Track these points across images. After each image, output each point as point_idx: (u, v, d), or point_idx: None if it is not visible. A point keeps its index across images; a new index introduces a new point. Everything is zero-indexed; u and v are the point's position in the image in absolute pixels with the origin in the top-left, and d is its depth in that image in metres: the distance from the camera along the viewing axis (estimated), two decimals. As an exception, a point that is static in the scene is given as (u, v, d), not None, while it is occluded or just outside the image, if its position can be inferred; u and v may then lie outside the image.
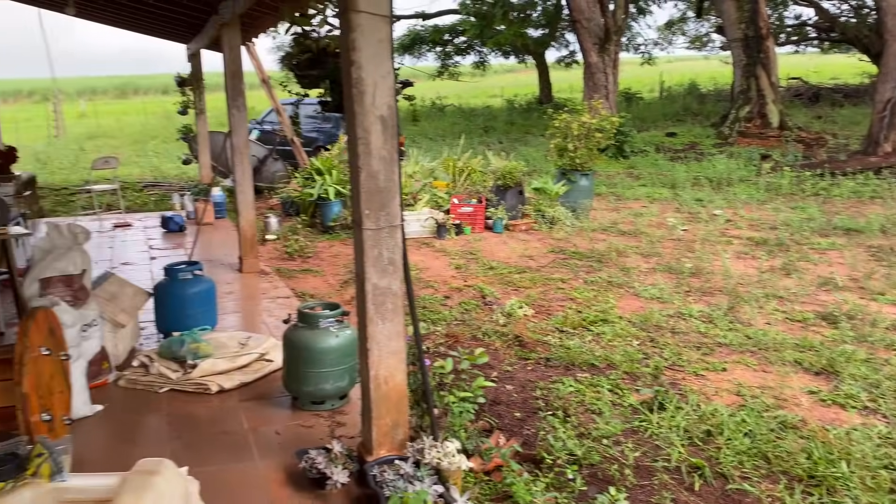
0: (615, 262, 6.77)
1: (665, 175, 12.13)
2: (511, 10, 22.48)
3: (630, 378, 4.13)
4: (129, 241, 8.03)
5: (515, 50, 27.43)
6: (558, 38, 27.08)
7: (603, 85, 16.42)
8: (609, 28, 16.37)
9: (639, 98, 26.85)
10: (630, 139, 14.79)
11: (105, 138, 23.53)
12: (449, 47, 27.49)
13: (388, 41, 2.69)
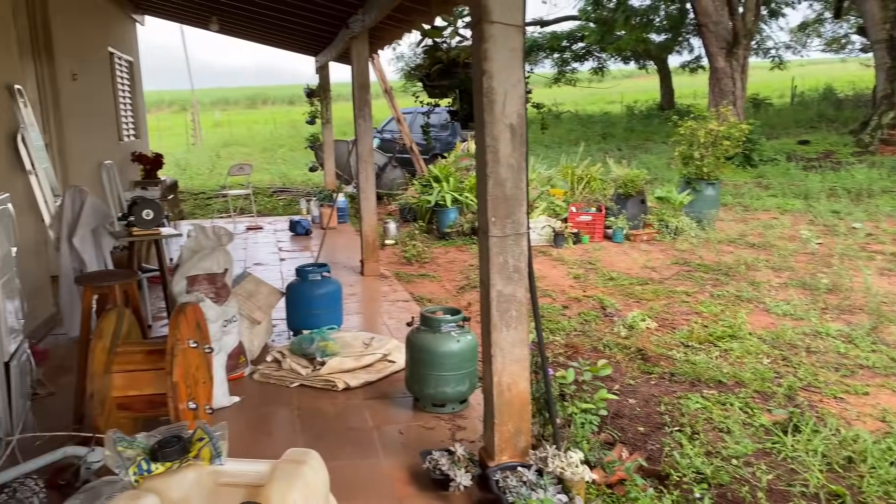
0: (744, 275, 6.47)
1: (797, 185, 11.48)
2: (633, 15, 21.98)
3: (761, 397, 3.94)
4: (261, 243, 8.49)
5: (636, 55, 26.80)
6: (682, 42, 26.21)
7: (730, 91, 15.75)
8: (738, 31, 15.69)
9: (768, 104, 25.54)
10: (759, 147, 14.10)
11: (237, 146, 24.98)
12: (567, 53, 27.24)
13: (520, 50, 2.71)
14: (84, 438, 3.07)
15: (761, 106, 24.83)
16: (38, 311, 4.93)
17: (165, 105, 46.09)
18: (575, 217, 8.16)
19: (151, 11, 10.32)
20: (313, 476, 1.51)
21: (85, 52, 7.19)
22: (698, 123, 8.83)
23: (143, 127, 10.57)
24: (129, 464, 1.47)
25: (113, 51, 8.57)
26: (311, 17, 7.25)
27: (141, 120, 10.40)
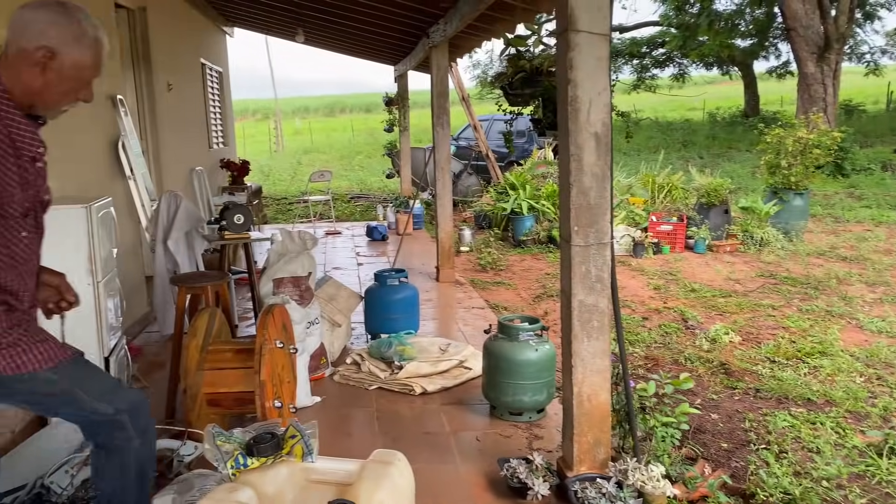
0: (835, 289, 6.20)
1: (893, 196, 10.91)
2: (717, 20, 21.38)
3: (853, 417, 3.76)
4: (339, 248, 8.68)
5: (720, 61, 26.04)
6: (769, 47, 25.31)
7: (820, 97, 15.11)
8: (829, 35, 15.05)
9: (862, 111, 24.35)
10: (851, 156, 13.48)
11: (317, 153, 25.63)
12: (646, 60, 26.74)
13: (606, 59, 2.70)
14: (176, 432, 3.22)
15: (854, 113, 23.69)
16: (134, 310, 5.19)
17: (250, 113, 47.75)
18: (655, 226, 8.00)
19: (241, 24, 10.73)
20: (399, 477, 1.55)
21: (179, 64, 7.54)
22: (786, 131, 8.51)
23: (230, 135, 10.99)
24: (227, 458, 1.55)
25: (205, 62, 8.96)
26: (392, 27, 7.39)
27: (229, 128, 10.82)
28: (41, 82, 1.69)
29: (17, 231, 1.71)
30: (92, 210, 3.43)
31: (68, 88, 1.72)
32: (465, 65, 53.31)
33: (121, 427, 1.87)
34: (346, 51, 10.87)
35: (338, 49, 10.89)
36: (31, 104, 1.74)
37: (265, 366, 2.99)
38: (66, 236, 3.39)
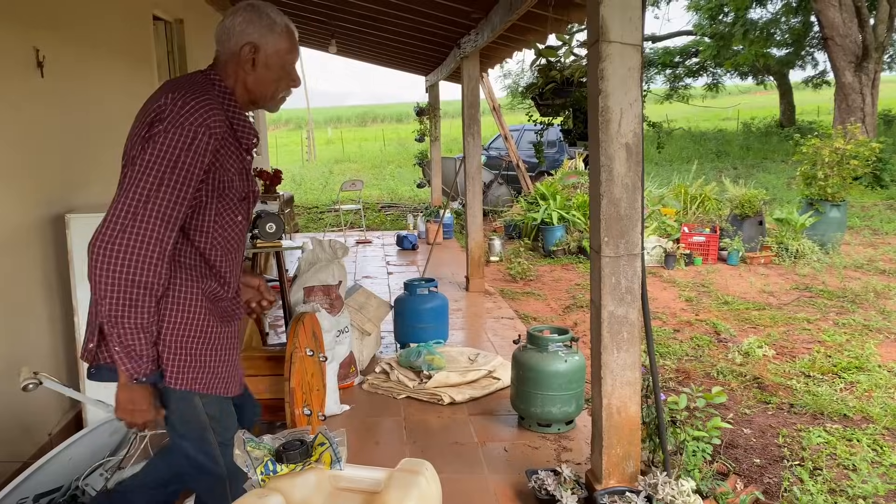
0: (872, 303, 6.06)
1: (935, 208, 10.66)
2: (752, 29, 21.13)
3: (892, 435, 3.67)
4: (370, 257, 8.73)
5: (754, 70, 25.71)
6: (805, 56, 24.92)
7: (858, 107, 14.84)
8: (868, 45, 14.79)
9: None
10: (890, 166, 13.20)
11: (348, 162, 25.83)
12: (679, 69, 26.50)
13: (638, 69, 2.69)
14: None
15: (894, 123, 23.21)
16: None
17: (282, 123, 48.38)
18: (688, 238, 7.91)
19: (274, 35, 10.88)
20: (427, 487, 1.55)
21: (215, 75, 7.67)
22: (823, 141, 8.37)
23: (263, 144, 11.14)
24: (257, 463, 1.56)
25: (239, 72, 9.10)
26: (423, 38, 7.45)
27: (262, 138, 10.97)
28: (254, 76, 1.87)
29: (235, 215, 1.86)
30: (129, 218, 3.50)
31: (278, 76, 1.89)
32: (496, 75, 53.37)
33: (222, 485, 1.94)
34: (377, 61, 10.97)
35: (370, 59, 10.99)
36: (252, 100, 1.92)
37: (295, 374, 3.02)
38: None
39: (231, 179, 1.82)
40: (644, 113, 3.03)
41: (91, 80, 4.20)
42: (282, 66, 1.89)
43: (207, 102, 1.73)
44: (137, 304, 1.66)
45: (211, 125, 1.72)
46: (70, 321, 3.58)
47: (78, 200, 3.84)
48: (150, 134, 1.69)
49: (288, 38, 1.89)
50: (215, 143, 1.73)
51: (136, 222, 1.66)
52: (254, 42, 1.84)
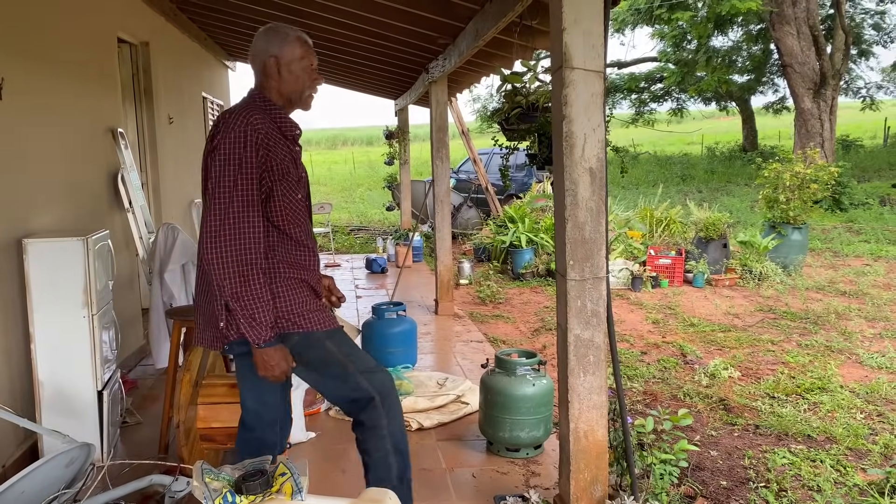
0: (834, 324, 6.17)
1: (892, 230, 10.94)
2: (715, 56, 21.66)
3: (854, 455, 3.72)
4: (338, 280, 8.67)
5: (717, 96, 26.31)
6: (766, 83, 25.59)
7: (817, 132, 15.25)
8: (825, 72, 15.24)
9: (859, 146, 24.58)
10: (849, 190, 13.55)
11: (318, 185, 25.73)
12: (645, 94, 27.01)
13: (601, 95, 2.72)
14: (169, 467, 3.18)
15: (851, 148, 23.90)
16: (130, 342, 5.16)
17: (251, 146, 48.09)
18: (654, 260, 8.00)
19: (242, 58, 10.86)
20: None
21: (181, 98, 7.62)
22: (784, 166, 8.57)
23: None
24: (215, 495, 1.52)
25: (206, 95, 9.05)
26: (392, 62, 7.48)
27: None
28: (282, 82, 2.28)
29: (295, 193, 2.28)
30: (89, 243, 3.43)
31: (300, 77, 2.30)
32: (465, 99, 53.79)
33: (374, 406, 2.34)
34: (346, 85, 10.99)
35: (338, 83, 11.00)
36: (287, 102, 2.32)
37: (259, 400, 2.95)
38: (62, 268, 3.39)
39: (286, 165, 2.22)
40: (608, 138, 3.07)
41: (52, 102, 4.13)
42: (301, 69, 2.29)
43: (247, 109, 2.19)
44: (250, 278, 2.07)
45: (253, 122, 2.13)
46: (26, 349, 3.48)
47: (36, 224, 3.75)
48: (213, 147, 2.14)
49: (300, 44, 2.30)
50: (262, 137, 2.14)
51: (229, 214, 2.06)
52: (274, 54, 2.26)
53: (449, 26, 5.10)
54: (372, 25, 5.73)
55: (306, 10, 5.73)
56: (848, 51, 16.45)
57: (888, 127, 27.10)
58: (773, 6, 15.42)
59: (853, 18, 22.33)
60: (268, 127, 2.19)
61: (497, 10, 3.92)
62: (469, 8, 4.48)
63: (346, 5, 5.21)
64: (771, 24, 15.86)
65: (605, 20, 2.70)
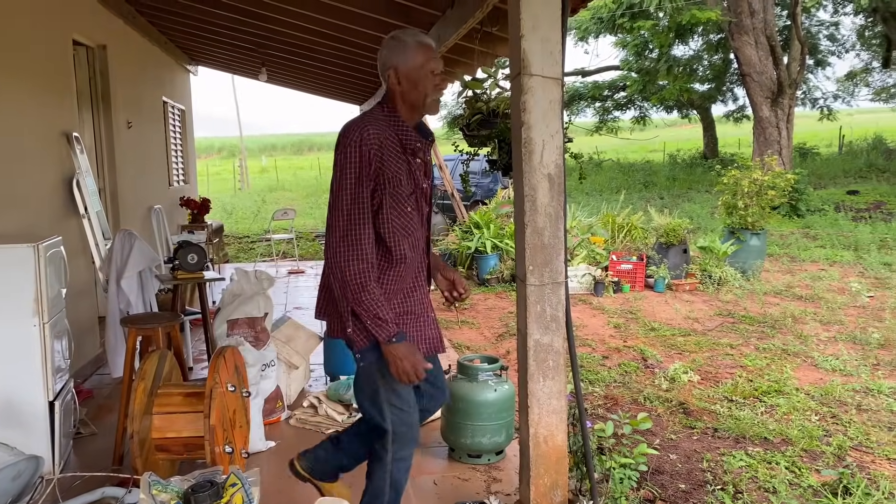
0: (790, 328, 6.30)
1: (846, 236, 11.22)
2: (676, 65, 22.04)
3: (809, 456, 3.79)
4: (302, 287, 8.59)
5: (679, 104, 26.78)
6: (726, 91, 26.13)
7: (775, 140, 15.60)
8: (782, 81, 15.61)
9: (815, 153, 25.21)
10: (805, 197, 13.87)
11: (283, 191, 25.55)
12: (608, 103, 27.36)
13: (559, 102, 2.74)
14: (122, 479, 3.10)
15: (808, 155, 24.50)
16: (86, 351, 5.05)
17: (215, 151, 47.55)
18: (616, 265, 8.08)
19: (205, 62, 10.74)
20: (343, 526, 1.50)
21: (140, 102, 7.49)
22: (742, 173, 8.74)
23: (192, 172, 10.90)
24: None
25: (166, 100, 8.92)
26: (356, 67, 7.46)
27: (190, 165, 10.73)
28: (405, 91, 2.32)
29: (405, 206, 2.32)
30: (39, 249, 3.34)
31: (422, 84, 2.31)
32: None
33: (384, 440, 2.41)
34: (310, 90, 10.93)
35: (302, 88, 10.94)
36: (413, 110, 2.36)
37: (215, 410, 2.91)
38: (12, 275, 3.29)
39: (399, 178, 2.28)
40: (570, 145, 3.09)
41: (2, 105, 4.03)
42: (422, 76, 2.30)
43: (362, 123, 2.26)
44: (365, 285, 2.20)
45: (366, 136, 2.22)
46: (-26, 359, 3.37)
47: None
48: (334, 161, 2.29)
49: (419, 51, 2.30)
50: (374, 150, 2.22)
51: (347, 229, 2.21)
52: (394, 65, 2.30)
53: (411, 32, 5.10)
54: (335, 30, 5.71)
55: (269, 15, 5.69)
56: (804, 61, 16.87)
57: (843, 135, 27.86)
58: (732, 16, 15.75)
59: (809, 30, 22.94)
60: (384, 138, 2.25)
61: (458, 17, 3.93)
62: (431, 14, 4.49)
63: (309, 10, 5.19)
64: (730, 34, 16.19)
65: (563, 28, 2.72)
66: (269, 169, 35.91)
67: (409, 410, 2.47)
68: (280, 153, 49.14)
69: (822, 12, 22.86)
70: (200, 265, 4.27)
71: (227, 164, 37.33)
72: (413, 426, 2.49)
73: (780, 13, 19.99)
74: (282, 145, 53.64)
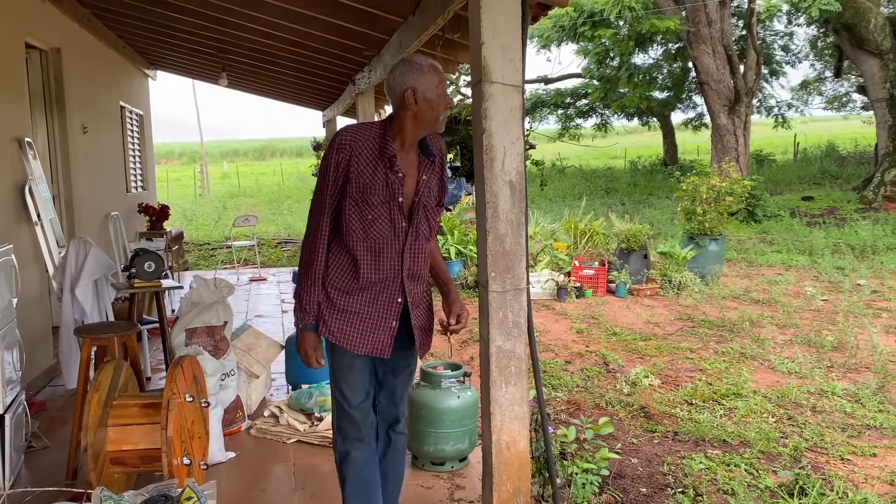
0: (748, 332, 6.42)
1: (801, 241, 11.49)
2: (636, 73, 22.39)
3: (766, 458, 3.86)
4: (264, 295, 8.49)
5: (639, 112, 27.19)
6: (685, 100, 26.61)
7: (733, 147, 15.93)
8: (739, 90, 15.96)
9: (771, 160, 25.82)
10: (762, 203, 14.18)
11: (244, 197, 25.23)
12: (570, 110, 27.64)
13: (520, 109, 2.75)
14: (76, 494, 3.02)
15: (765, 162, 25.07)
16: (39, 362, 4.91)
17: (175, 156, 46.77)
18: (578, 271, 8.15)
19: (164, 67, 10.57)
20: (302, 539, 1.48)
21: (96, 106, 7.34)
22: (700, 179, 8.90)
23: (150, 178, 10.70)
24: (114, 524, 1.45)
25: (124, 105, 8.75)
26: (318, 73, 7.41)
27: (149, 171, 10.54)
28: (419, 110, 2.42)
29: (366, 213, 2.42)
30: (-12, 258, 3.24)
31: (435, 103, 2.44)
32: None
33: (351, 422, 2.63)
34: (272, 95, 10.83)
35: (264, 94, 10.84)
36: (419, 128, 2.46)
37: (172, 421, 2.85)
38: (-41, 286, 3.19)
39: (369, 186, 2.40)
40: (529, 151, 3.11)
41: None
42: (437, 95, 2.43)
43: (342, 131, 2.45)
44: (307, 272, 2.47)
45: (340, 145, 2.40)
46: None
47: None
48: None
49: (434, 73, 2.44)
50: (345, 157, 2.39)
51: (310, 219, 2.49)
52: (412, 86, 2.41)
53: (374, 38, 5.09)
54: (297, 36, 5.66)
55: (229, 20, 5.62)
56: (759, 70, 17.28)
57: (797, 143, 28.58)
58: (691, 26, 16.06)
59: (764, 40, 23.51)
60: (360, 148, 2.41)
61: (419, 24, 3.93)
62: (393, 21, 4.49)
63: (271, 16, 5.14)
64: (689, 43, 16.50)
65: (524, 35, 2.74)
66: (231, 175, 35.44)
67: (348, 409, 2.61)
68: (242, 159, 48.55)
69: (777, 23, 23.44)
70: (158, 273, 4.18)
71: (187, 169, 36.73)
72: (354, 425, 2.62)
73: (737, 23, 20.45)
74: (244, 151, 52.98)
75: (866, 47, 16.39)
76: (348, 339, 2.53)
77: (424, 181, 2.51)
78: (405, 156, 2.49)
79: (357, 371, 2.61)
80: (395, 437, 2.78)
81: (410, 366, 2.78)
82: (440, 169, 2.59)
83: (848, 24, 16.48)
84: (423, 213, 2.54)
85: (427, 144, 2.54)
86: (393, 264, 2.50)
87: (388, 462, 2.79)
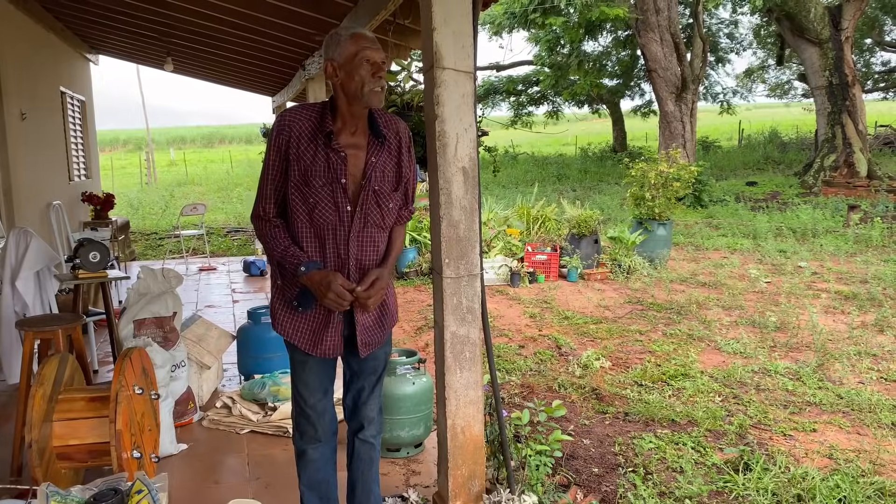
0: (695, 314, 6.59)
1: (746, 225, 11.81)
2: (586, 61, 22.61)
3: (713, 436, 3.98)
4: (214, 285, 8.34)
5: (590, 99, 27.50)
6: (633, 87, 27.01)
7: (680, 133, 16.25)
8: (686, 77, 16.26)
9: (717, 146, 26.44)
10: (708, 188, 14.53)
11: (192, 185, 24.70)
12: (522, 97, 27.80)
13: (472, 95, 2.76)
14: (21, 491, 2.94)
15: (711, 148, 25.68)
16: (-23, 357, 4.74)
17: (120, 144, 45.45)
18: (531, 256, 8.23)
19: (106, 51, 10.24)
20: (257, 528, 1.47)
21: (35, 92, 7.08)
22: (649, 165, 9.06)
23: (94, 166, 10.39)
24: (62, 520, 1.42)
25: (65, 90, 8.46)
26: (267, 58, 7.28)
27: (93, 159, 10.23)
28: (341, 81, 2.32)
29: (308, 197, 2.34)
30: (-78, 249, 3.11)
31: (357, 72, 2.29)
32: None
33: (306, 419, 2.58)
34: (219, 80, 10.59)
35: (211, 79, 10.59)
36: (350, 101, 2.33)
37: (121, 414, 2.79)
38: None
39: (310, 168, 2.32)
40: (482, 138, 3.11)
41: None
42: (357, 64, 2.29)
43: (284, 112, 2.39)
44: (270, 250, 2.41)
45: (281, 126, 2.36)
46: None
47: None
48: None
49: (351, 42, 2.31)
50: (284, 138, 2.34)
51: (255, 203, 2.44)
52: (330, 57, 2.34)
53: (323, 23, 5.02)
54: (245, 20, 5.54)
55: (172, 3, 5.47)
56: (706, 57, 17.64)
57: (742, 129, 29.33)
58: (639, 14, 16.28)
59: (710, 28, 24.00)
60: (300, 128, 2.35)
61: (370, 8, 3.89)
62: (343, 5, 4.43)
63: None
64: (637, 31, 16.73)
65: (475, 21, 2.74)
66: (178, 162, 34.61)
67: (304, 407, 2.54)
68: (190, 146, 47.42)
69: (723, 10, 23.95)
70: (103, 264, 4.07)
71: (133, 157, 35.75)
72: (310, 423, 2.56)
73: (684, 11, 20.81)
74: (191, 137, 51.76)
75: (807, 36, 16.89)
76: (300, 338, 2.44)
77: (373, 163, 2.37)
78: (350, 136, 2.37)
79: (312, 370, 2.50)
80: (360, 445, 2.63)
81: (377, 370, 2.58)
82: (398, 153, 2.44)
83: (789, 14, 16.93)
84: (374, 198, 2.37)
85: (377, 125, 2.39)
86: (338, 252, 2.36)
87: (353, 471, 2.67)
